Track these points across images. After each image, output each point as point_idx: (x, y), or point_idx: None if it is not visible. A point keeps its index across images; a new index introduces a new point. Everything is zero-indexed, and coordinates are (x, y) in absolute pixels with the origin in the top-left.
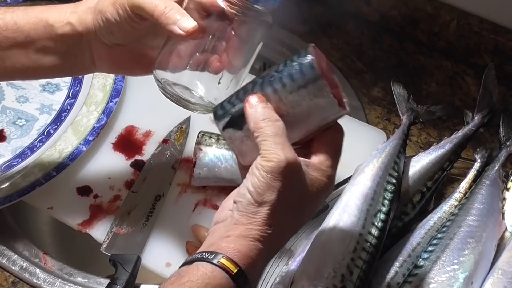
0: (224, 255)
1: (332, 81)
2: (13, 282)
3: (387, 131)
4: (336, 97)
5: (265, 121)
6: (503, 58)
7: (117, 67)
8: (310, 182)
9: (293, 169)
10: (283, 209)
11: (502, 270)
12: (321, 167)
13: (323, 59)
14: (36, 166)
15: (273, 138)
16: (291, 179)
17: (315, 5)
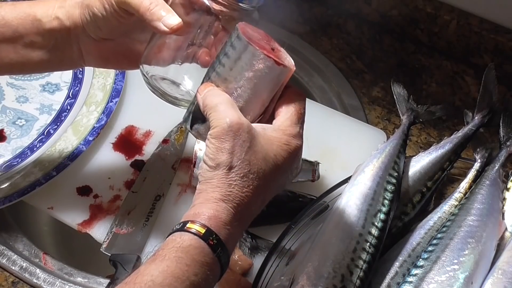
0: (190, 221)
1: (266, 46)
2: (13, 282)
3: (387, 131)
4: (272, 57)
5: (208, 98)
6: (503, 58)
7: (105, 62)
8: (268, 141)
9: (238, 128)
10: (241, 168)
11: (502, 270)
12: (280, 127)
13: (255, 29)
14: (36, 166)
15: (215, 108)
16: (240, 137)
17: (315, 5)
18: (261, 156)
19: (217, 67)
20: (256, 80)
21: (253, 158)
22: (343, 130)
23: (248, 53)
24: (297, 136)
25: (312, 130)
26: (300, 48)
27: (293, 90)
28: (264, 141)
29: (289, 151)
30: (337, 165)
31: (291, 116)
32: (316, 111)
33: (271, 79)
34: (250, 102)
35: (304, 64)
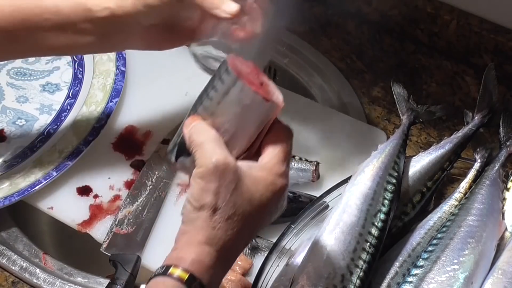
0: (173, 265)
1: (255, 80)
2: (13, 282)
3: (387, 131)
4: (261, 93)
5: (195, 134)
6: (503, 58)
7: (149, 44)
8: (254, 181)
9: (224, 168)
10: (226, 209)
11: (502, 270)
12: (267, 166)
13: (244, 62)
14: (36, 166)
15: (202, 146)
16: (226, 178)
17: (315, 4)
18: (246, 198)
19: (204, 100)
20: (244, 115)
21: (238, 199)
22: (343, 130)
23: (237, 88)
24: (283, 176)
25: (312, 130)
26: (300, 48)
27: (281, 126)
28: (250, 181)
29: (274, 191)
30: (337, 165)
31: (277, 154)
32: (316, 111)
33: (259, 115)
34: (237, 137)
35: (304, 64)
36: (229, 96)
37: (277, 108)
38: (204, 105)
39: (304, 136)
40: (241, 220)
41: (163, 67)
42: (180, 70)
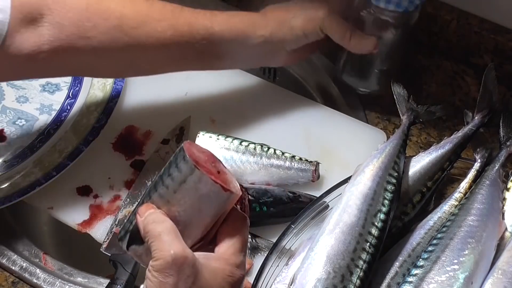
0: None
1: (212, 169)
2: (13, 282)
3: (387, 131)
4: (219, 183)
5: (151, 224)
6: (503, 58)
7: (283, 63)
8: (212, 274)
9: (182, 262)
10: None
11: (502, 270)
12: (224, 256)
13: (201, 150)
14: (36, 166)
15: (159, 238)
16: (183, 273)
17: None
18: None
19: (159, 188)
20: (201, 205)
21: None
22: (343, 130)
23: (194, 177)
24: (240, 266)
25: (312, 130)
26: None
27: (236, 214)
28: (208, 274)
29: (232, 283)
30: (337, 165)
31: (234, 244)
32: (316, 111)
33: (217, 205)
34: (193, 226)
35: (304, 64)
36: (186, 184)
37: (235, 197)
38: (159, 193)
39: (304, 136)
40: None
41: None
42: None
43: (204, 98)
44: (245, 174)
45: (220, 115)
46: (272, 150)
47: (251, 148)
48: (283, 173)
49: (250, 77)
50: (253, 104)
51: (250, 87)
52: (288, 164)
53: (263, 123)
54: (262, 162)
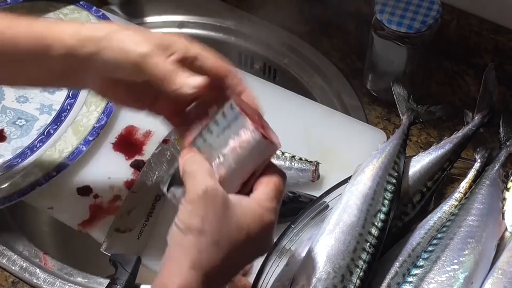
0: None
1: (257, 121)
2: (13, 282)
3: (387, 131)
4: (261, 131)
5: (189, 165)
6: (503, 58)
7: (103, 94)
8: (242, 212)
9: (214, 195)
10: (212, 235)
11: (502, 270)
12: (258, 199)
13: (249, 106)
14: (36, 166)
15: (193, 175)
16: (214, 205)
17: (315, 5)
18: (234, 226)
19: (204, 133)
20: (241, 151)
21: (225, 226)
22: (343, 130)
23: (238, 123)
24: (272, 211)
25: (312, 130)
26: (300, 48)
27: (275, 169)
28: (238, 211)
29: (262, 225)
30: (337, 165)
31: (269, 190)
32: (316, 111)
33: (256, 153)
34: (231, 173)
35: (304, 64)
36: (229, 130)
37: (275, 149)
38: (203, 138)
39: (304, 136)
40: (228, 246)
41: None
42: None
43: None
44: None
45: None
46: None
47: None
48: None
49: (250, 77)
50: None
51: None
52: (288, 164)
53: None
54: None
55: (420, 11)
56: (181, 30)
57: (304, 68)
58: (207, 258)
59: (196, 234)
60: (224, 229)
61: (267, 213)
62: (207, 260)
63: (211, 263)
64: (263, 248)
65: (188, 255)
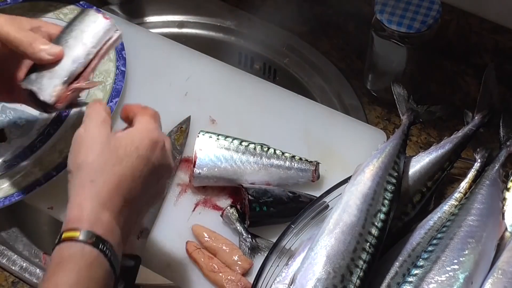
0: (63, 230)
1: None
2: (13, 282)
3: (387, 131)
4: (101, 14)
5: (88, 108)
6: (503, 58)
7: None
8: (130, 139)
9: (100, 134)
10: (96, 166)
11: (502, 270)
12: (138, 126)
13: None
14: (36, 166)
15: (88, 117)
16: (100, 140)
17: (315, 5)
18: (122, 153)
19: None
20: (84, 28)
21: (112, 156)
22: (343, 130)
23: (83, 13)
24: (154, 129)
25: (312, 130)
26: (300, 48)
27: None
28: (124, 141)
29: (150, 143)
30: (337, 165)
31: (145, 115)
32: (316, 111)
33: (98, 31)
34: (75, 48)
35: (304, 64)
36: (76, 20)
37: (117, 37)
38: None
39: (304, 136)
40: (123, 170)
41: (163, 67)
42: (180, 70)
43: (204, 98)
44: (245, 174)
45: (220, 115)
46: (272, 150)
47: (251, 148)
48: (283, 173)
49: (250, 77)
50: (253, 104)
51: (250, 87)
52: (288, 164)
53: (263, 123)
54: (262, 162)
55: (420, 11)
56: (181, 30)
57: (304, 68)
58: (97, 187)
59: (80, 169)
60: (111, 160)
61: (150, 132)
62: (97, 189)
63: (103, 190)
64: (165, 167)
65: (74, 189)
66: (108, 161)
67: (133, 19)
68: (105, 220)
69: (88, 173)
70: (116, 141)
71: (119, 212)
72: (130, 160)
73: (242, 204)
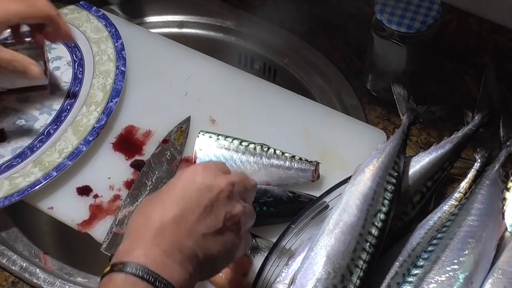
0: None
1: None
2: (13, 282)
3: (387, 131)
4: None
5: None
6: (503, 58)
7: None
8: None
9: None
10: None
11: (502, 270)
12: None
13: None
14: (36, 166)
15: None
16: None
17: (315, 5)
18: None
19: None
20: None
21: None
22: (343, 130)
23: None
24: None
25: (312, 130)
26: (300, 48)
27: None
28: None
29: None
30: (337, 165)
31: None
32: (316, 111)
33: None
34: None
35: (304, 64)
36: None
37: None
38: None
39: (304, 136)
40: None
41: (163, 67)
42: (180, 70)
43: (204, 98)
44: None
45: (220, 115)
46: (272, 150)
47: (251, 148)
48: (283, 173)
49: (250, 77)
50: (253, 104)
51: (250, 87)
52: (288, 164)
53: (263, 123)
54: (262, 162)
55: (420, 11)
56: (181, 30)
57: (304, 68)
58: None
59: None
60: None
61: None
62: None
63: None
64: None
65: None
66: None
67: (133, 19)
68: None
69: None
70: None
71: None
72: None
73: None
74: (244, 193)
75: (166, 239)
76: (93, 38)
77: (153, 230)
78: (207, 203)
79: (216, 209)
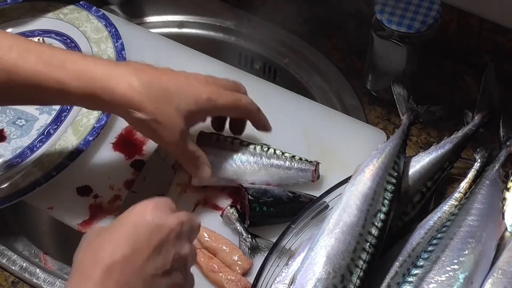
0: None
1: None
2: (13, 282)
3: (387, 131)
4: None
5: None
6: (503, 58)
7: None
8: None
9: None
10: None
11: (502, 270)
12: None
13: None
14: (36, 166)
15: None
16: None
17: (315, 5)
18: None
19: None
20: None
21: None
22: (343, 130)
23: None
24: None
25: (312, 130)
26: (300, 48)
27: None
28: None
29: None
30: (337, 165)
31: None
32: (316, 111)
33: None
34: None
35: (304, 64)
36: None
37: None
38: None
39: (304, 136)
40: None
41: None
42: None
43: None
44: (245, 174)
45: None
46: (272, 150)
47: (251, 148)
48: (283, 173)
49: (250, 77)
50: None
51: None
52: (288, 164)
53: None
54: (262, 162)
55: (420, 11)
56: (181, 30)
57: (304, 68)
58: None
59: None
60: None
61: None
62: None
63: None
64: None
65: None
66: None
67: (133, 19)
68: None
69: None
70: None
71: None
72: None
73: (242, 204)
74: (191, 234)
75: (114, 279)
76: (93, 38)
77: (101, 269)
78: (157, 244)
79: (165, 249)
